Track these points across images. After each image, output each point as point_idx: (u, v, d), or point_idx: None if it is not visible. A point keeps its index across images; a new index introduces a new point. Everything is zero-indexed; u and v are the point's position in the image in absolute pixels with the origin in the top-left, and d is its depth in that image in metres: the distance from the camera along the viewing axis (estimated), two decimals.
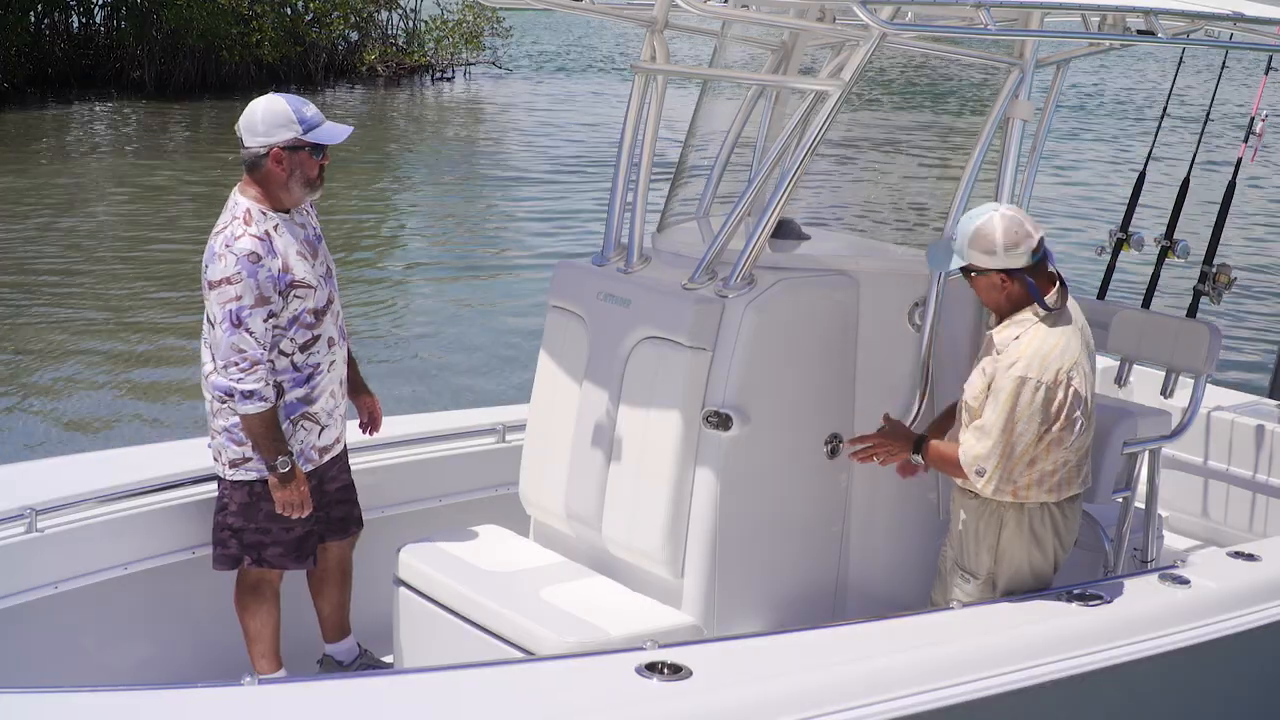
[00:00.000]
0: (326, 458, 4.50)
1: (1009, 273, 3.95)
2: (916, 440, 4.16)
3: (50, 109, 26.60)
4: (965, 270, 4.03)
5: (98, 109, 27.14)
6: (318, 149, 4.29)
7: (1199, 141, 6.51)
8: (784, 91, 5.01)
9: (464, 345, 11.39)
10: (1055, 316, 3.98)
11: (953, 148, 5.18)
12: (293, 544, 4.43)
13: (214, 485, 4.52)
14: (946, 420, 4.35)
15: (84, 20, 31.18)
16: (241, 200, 4.27)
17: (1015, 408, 3.89)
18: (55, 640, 4.34)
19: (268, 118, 4.24)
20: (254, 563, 4.42)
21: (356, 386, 4.73)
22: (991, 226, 3.94)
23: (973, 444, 3.98)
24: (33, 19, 29.37)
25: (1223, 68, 6.31)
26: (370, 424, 4.82)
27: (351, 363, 4.66)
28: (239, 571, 4.48)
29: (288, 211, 4.33)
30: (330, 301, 4.40)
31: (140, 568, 4.49)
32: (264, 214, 4.26)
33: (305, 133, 4.25)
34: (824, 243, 4.79)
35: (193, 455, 4.73)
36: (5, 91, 26.46)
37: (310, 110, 4.29)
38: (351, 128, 4.41)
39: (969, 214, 4.05)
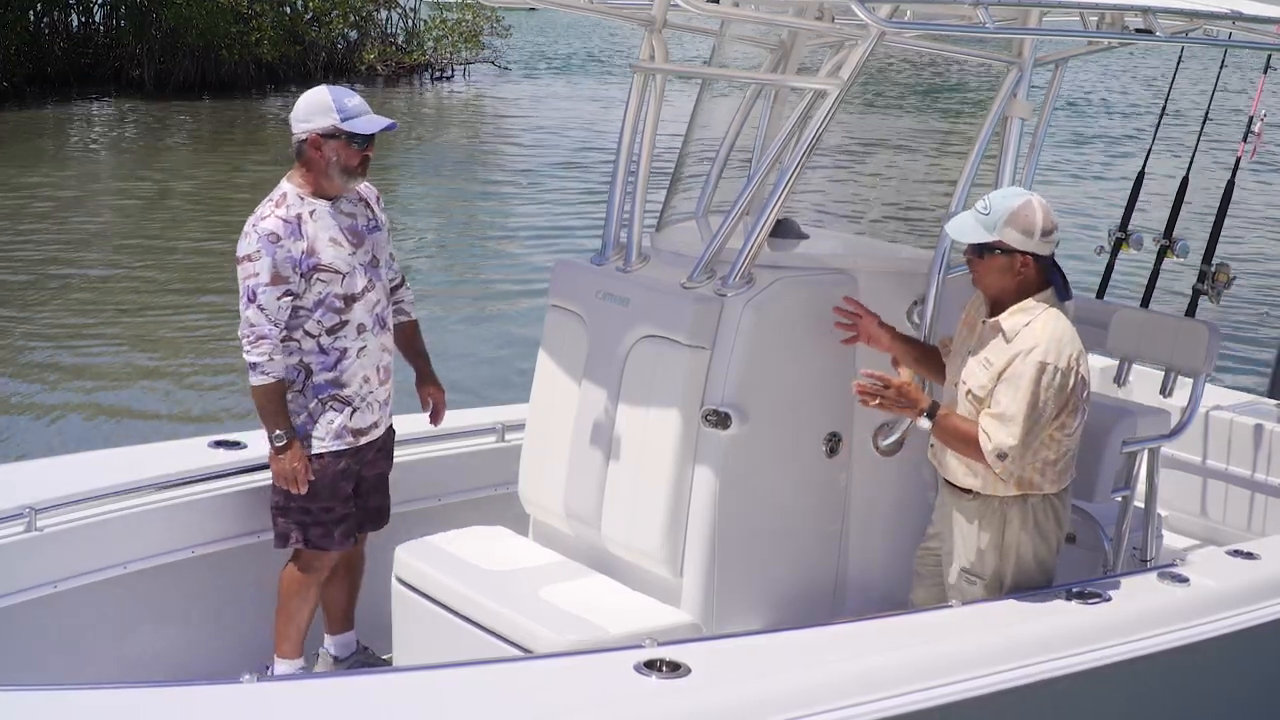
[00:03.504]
0: (363, 440, 4.54)
1: (1036, 258, 3.94)
2: (931, 406, 4.05)
3: (49, 108, 26.61)
4: (985, 248, 3.95)
5: (97, 108, 27.15)
6: (356, 138, 4.35)
7: (1198, 141, 6.51)
8: (783, 90, 5.01)
9: (462, 345, 11.38)
10: (1059, 304, 3.99)
11: (952, 148, 5.18)
12: (332, 524, 4.48)
13: (213, 484, 4.62)
14: (917, 349, 4.31)
15: (83, 19, 31.23)
16: (284, 185, 4.41)
17: (1037, 392, 3.86)
18: (55, 640, 4.34)
19: (309, 105, 4.37)
20: (300, 541, 4.48)
21: (422, 376, 4.86)
22: (1033, 209, 3.91)
23: (996, 429, 3.89)
24: (32, 18, 29.40)
25: (1221, 67, 6.31)
26: (433, 414, 4.90)
27: (420, 353, 4.83)
28: (294, 551, 4.54)
29: (331, 199, 4.39)
30: (368, 289, 4.44)
31: (140, 567, 4.49)
32: (301, 198, 4.37)
33: (343, 121, 4.33)
34: (823, 242, 4.79)
35: (193, 455, 4.75)
36: (4, 90, 26.47)
37: (353, 101, 4.39)
38: (391, 121, 4.46)
39: (1001, 193, 4.00)
